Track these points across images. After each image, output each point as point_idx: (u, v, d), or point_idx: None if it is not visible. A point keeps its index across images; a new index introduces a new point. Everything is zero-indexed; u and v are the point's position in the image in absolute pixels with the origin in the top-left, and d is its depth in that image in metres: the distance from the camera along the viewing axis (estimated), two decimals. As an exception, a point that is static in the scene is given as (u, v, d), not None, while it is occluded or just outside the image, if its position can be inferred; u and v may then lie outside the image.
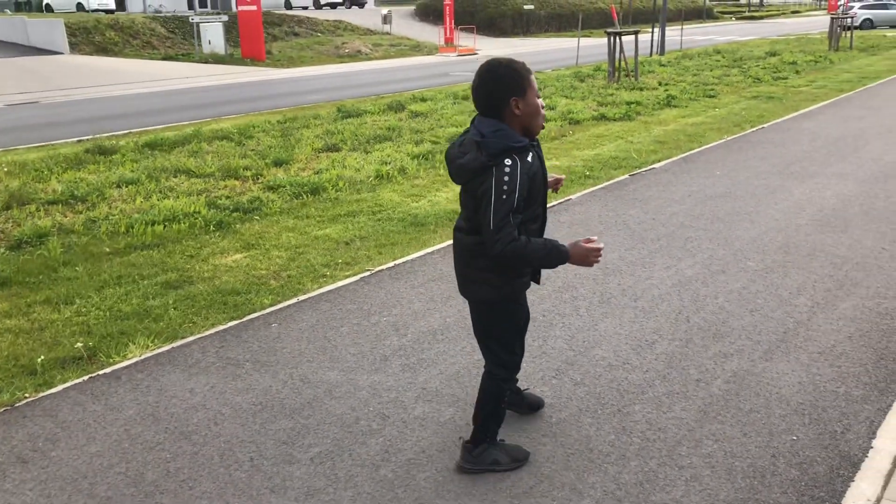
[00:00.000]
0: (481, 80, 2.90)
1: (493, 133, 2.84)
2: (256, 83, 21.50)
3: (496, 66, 2.90)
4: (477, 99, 2.92)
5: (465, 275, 3.12)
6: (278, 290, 5.45)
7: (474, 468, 3.25)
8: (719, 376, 4.01)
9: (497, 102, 2.88)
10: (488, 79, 2.90)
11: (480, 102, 2.92)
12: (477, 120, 2.93)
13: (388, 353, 4.38)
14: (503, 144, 2.81)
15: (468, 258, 3.06)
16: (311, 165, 9.73)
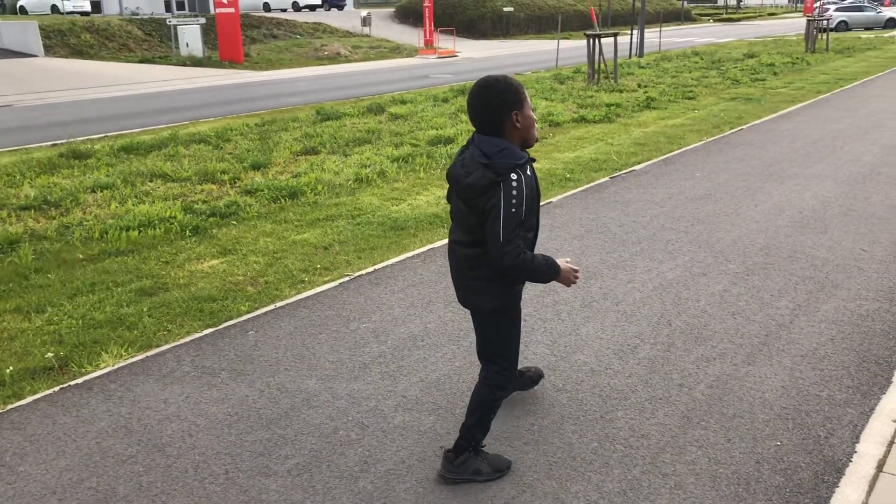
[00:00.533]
0: (481, 97, 2.93)
1: (497, 154, 2.89)
2: (234, 86, 21.32)
3: (494, 83, 2.94)
4: (477, 116, 2.95)
5: (467, 286, 3.17)
6: (255, 297, 5.36)
7: (456, 478, 3.19)
8: (702, 381, 3.98)
9: (499, 117, 2.93)
10: (489, 95, 2.92)
11: (481, 119, 2.95)
12: (477, 139, 2.97)
13: (368, 361, 4.30)
14: (510, 163, 2.87)
15: (468, 269, 3.11)
16: (289, 169, 9.63)
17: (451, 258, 3.22)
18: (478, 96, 2.93)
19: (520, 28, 47.64)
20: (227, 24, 27.67)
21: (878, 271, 5.51)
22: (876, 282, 5.30)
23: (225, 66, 27.23)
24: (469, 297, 3.19)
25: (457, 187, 2.99)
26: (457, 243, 3.14)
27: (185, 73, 25.07)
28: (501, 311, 3.17)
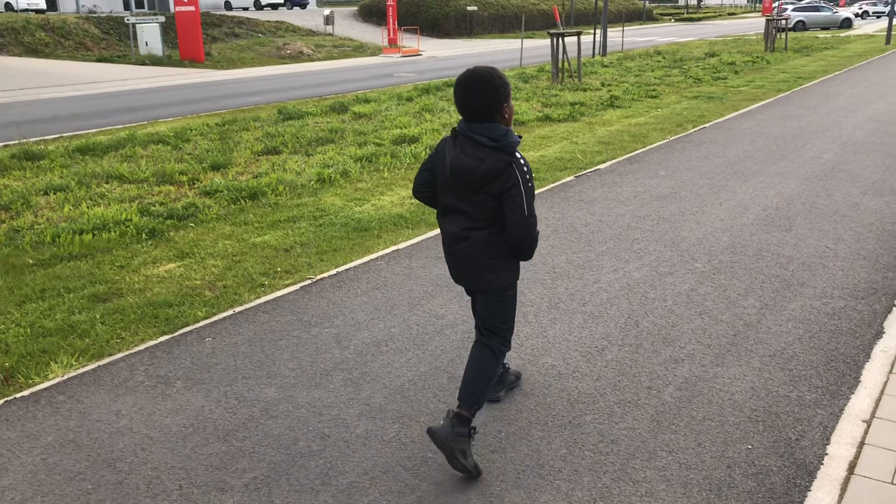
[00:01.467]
0: (478, 89, 3.09)
1: (504, 137, 3.08)
2: (195, 85, 20.97)
3: (489, 76, 3.11)
4: (475, 105, 3.09)
5: (483, 267, 3.27)
6: (213, 302, 5.19)
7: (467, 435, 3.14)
8: (671, 383, 3.91)
9: (494, 108, 3.10)
10: (487, 86, 3.09)
11: (479, 108, 3.09)
12: (475, 128, 3.10)
13: (330, 368, 4.17)
14: (516, 143, 3.10)
15: (485, 251, 3.23)
16: (250, 169, 9.44)
17: (457, 248, 3.27)
18: (475, 86, 3.08)
19: (483, 27, 47.65)
20: (187, 23, 27.21)
21: (842, 269, 5.51)
22: (841, 279, 5.30)
23: (185, 65, 26.78)
24: (485, 278, 3.30)
25: (470, 176, 3.09)
26: (469, 230, 3.21)
27: (144, 72, 24.61)
28: (511, 286, 3.35)
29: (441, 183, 3.26)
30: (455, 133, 3.19)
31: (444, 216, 3.30)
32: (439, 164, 3.25)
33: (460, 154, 3.12)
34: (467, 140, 3.12)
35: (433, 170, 3.30)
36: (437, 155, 3.27)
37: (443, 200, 3.29)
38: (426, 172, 3.34)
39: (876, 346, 4.25)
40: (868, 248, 5.96)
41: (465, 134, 3.13)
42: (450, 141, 3.21)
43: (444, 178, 3.23)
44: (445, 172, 3.19)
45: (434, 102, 14.90)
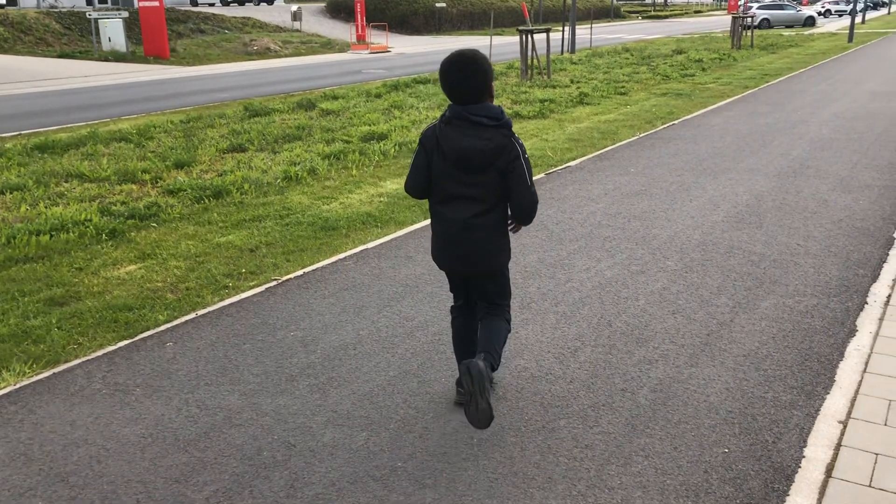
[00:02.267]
0: (475, 70, 3.16)
1: (501, 114, 3.22)
2: (160, 82, 20.60)
3: (477, 57, 3.19)
4: (471, 86, 3.16)
5: (489, 251, 3.38)
6: (175, 305, 5.02)
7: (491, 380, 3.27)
8: (645, 384, 3.84)
9: (484, 88, 3.20)
10: (481, 69, 3.17)
11: (474, 89, 3.17)
12: (473, 109, 3.17)
13: (295, 373, 4.03)
14: (510, 120, 3.24)
15: (491, 235, 3.35)
16: (214, 167, 9.24)
17: (465, 236, 3.31)
18: (470, 68, 3.16)
19: (452, 24, 47.54)
20: (151, 18, 26.76)
21: (813, 266, 5.49)
22: (813, 277, 5.27)
23: (150, 61, 26.34)
24: (492, 260, 3.42)
25: (481, 157, 3.17)
26: (478, 216, 3.28)
27: (108, 68, 24.16)
28: (508, 264, 3.53)
29: (439, 172, 3.28)
30: (447, 119, 3.21)
31: (447, 204, 3.31)
32: (435, 154, 3.26)
33: (465, 138, 3.17)
34: (467, 123, 3.18)
35: (428, 164, 3.31)
36: (428, 147, 3.28)
37: (443, 189, 3.30)
38: (422, 170, 3.33)
39: (849, 345, 4.22)
40: (838, 244, 5.95)
41: (462, 117, 3.18)
42: (442, 128, 3.22)
43: (442, 167, 3.25)
44: (447, 160, 3.22)
45: (403, 99, 14.77)
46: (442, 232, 3.37)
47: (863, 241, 6.01)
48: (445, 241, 3.37)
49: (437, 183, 3.31)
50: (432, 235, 3.48)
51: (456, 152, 3.19)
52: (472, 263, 3.40)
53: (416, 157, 3.34)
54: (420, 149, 3.32)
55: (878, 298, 4.86)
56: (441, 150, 3.23)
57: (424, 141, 3.30)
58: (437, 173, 3.28)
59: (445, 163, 3.24)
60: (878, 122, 11.75)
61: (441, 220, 3.35)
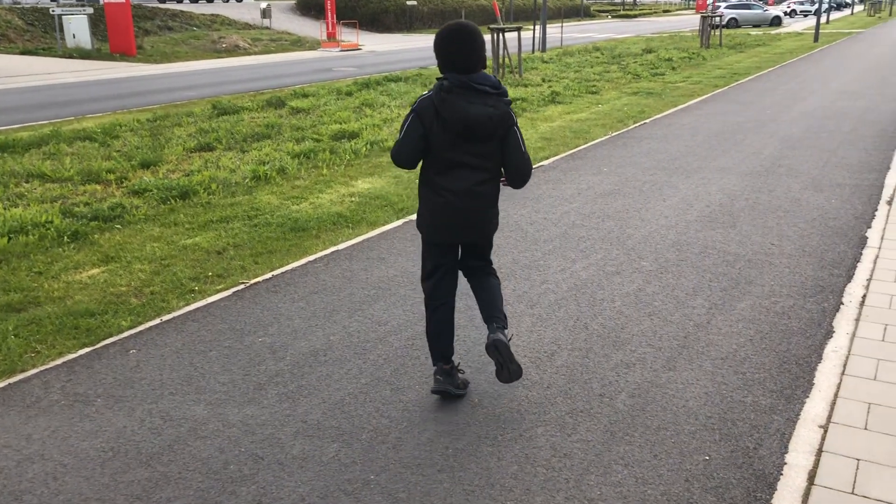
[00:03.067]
0: (477, 41, 3.25)
1: (498, 83, 3.31)
2: (126, 79, 20.23)
3: (475, 28, 3.29)
4: (473, 55, 3.24)
5: (489, 218, 3.51)
6: (139, 310, 4.86)
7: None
8: (623, 389, 3.76)
9: (483, 58, 3.30)
10: (480, 40, 3.28)
11: (476, 58, 3.25)
12: (476, 78, 3.25)
13: (264, 381, 3.90)
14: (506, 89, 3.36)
15: (490, 203, 3.47)
16: (181, 167, 9.03)
17: (466, 204, 3.37)
18: (471, 39, 3.24)
19: (423, 22, 47.39)
20: (117, 15, 26.28)
21: (788, 266, 5.46)
22: (788, 277, 5.24)
23: (116, 58, 25.89)
24: (489, 226, 3.53)
25: (488, 124, 3.25)
26: (480, 184, 3.37)
27: (72, 65, 23.67)
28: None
29: (439, 142, 3.28)
30: (448, 88, 3.22)
31: (447, 174, 3.34)
32: (434, 124, 3.25)
33: (471, 105, 3.22)
34: (471, 91, 3.23)
35: (425, 135, 3.29)
36: (425, 118, 3.26)
37: (443, 159, 3.31)
38: (419, 140, 3.30)
39: (827, 347, 4.18)
40: (812, 244, 5.94)
41: (466, 86, 3.22)
42: (445, 97, 3.21)
43: (442, 137, 3.26)
44: (449, 129, 3.23)
45: (375, 97, 14.62)
46: (442, 203, 3.36)
47: (836, 241, 6.00)
48: (446, 212, 3.38)
49: (437, 153, 3.31)
50: (426, 208, 3.45)
51: (463, 121, 3.21)
52: (474, 232, 3.49)
53: (409, 127, 3.29)
54: (415, 120, 3.27)
55: (854, 299, 4.83)
56: (443, 119, 3.22)
57: (421, 111, 3.26)
58: (437, 143, 3.28)
59: (447, 132, 3.25)
60: (846, 120, 11.84)
61: (440, 190, 3.35)
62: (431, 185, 3.38)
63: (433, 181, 3.36)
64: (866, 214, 6.71)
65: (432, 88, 3.29)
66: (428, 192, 3.41)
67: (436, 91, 3.25)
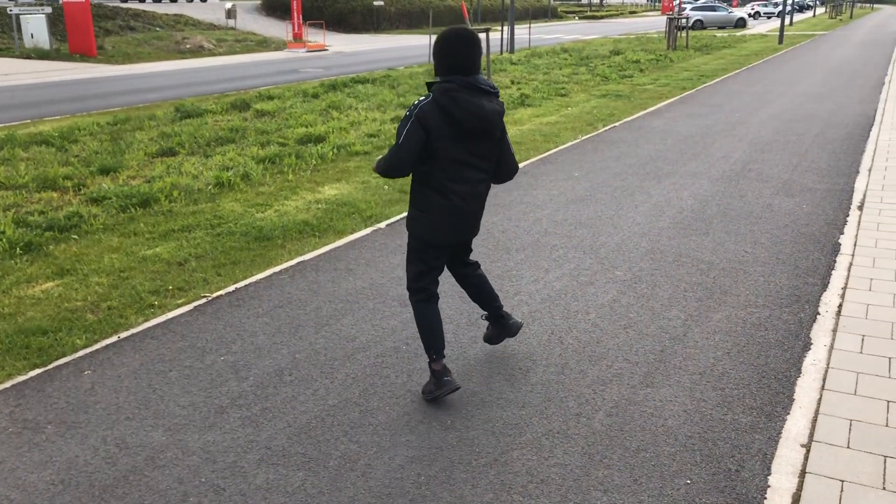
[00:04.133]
0: (479, 45, 3.38)
1: (493, 84, 3.43)
2: (86, 81, 19.77)
3: (475, 33, 3.39)
4: (476, 59, 3.36)
5: (480, 215, 3.65)
6: (95, 327, 4.64)
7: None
8: (600, 408, 3.64)
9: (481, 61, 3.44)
10: (479, 43, 3.40)
11: (476, 63, 3.37)
12: (480, 80, 3.36)
13: (226, 403, 3.72)
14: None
15: (484, 200, 3.61)
16: (142, 173, 8.77)
17: (470, 204, 3.50)
18: (476, 43, 3.36)
19: (391, 22, 47.17)
20: (76, 14, 25.69)
21: (763, 274, 5.40)
22: (763, 286, 5.17)
23: (75, 59, 25.31)
24: (479, 222, 3.70)
25: (496, 120, 3.38)
26: (481, 182, 3.52)
27: (30, 66, 23.09)
28: None
29: (446, 144, 3.32)
30: (457, 89, 3.28)
31: (454, 176, 3.41)
32: (442, 128, 3.29)
33: (483, 104, 3.32)
34: (477, 90, 3.34)
35: (426, 141, 3.31)
36: (429, 124, 3.27)
37: (451, 160, 3.37)
38: (420, 147, 3.31)
39: (806, 359, 4.10)
40: (786, 251, 5.88)
41: (472, 86, 3.33)
42: (454, 97, 3.27)
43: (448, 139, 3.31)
44: (460, 129, 3.30)
45: (342, 99, 14.42)
46: (450, 206, 3.45)
47: (810, 248, 5.96)
48: (453, 215, 3.48)
49: (444, 156, 3.35)
50: (429, 211, 3.48)
51: (478, 116, 3.30)
52: (472, 231, 3.66)
53: (410, 134, 3.28)
54: (418, 128, 3.28)
55: (830, 308, 4.77)
56: (454, 120, 3.28)
57: (423, 118, 3.27)
58: (444, 146, 3.32)
59: (458, 132, 3.32)
60: (814, 123, 11.90)
61: (449, 194, 3.42)
62: (439, 189, 3.41)
63: (442, 185, 3.40)
64: (838, 220, 6.69)
65: (430, 93, 3.34)
66: (433, 195, 3.44)
67: (440, 93, 3.29)
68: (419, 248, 3.60)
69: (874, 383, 3.81)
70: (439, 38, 3.37)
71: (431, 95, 3.32)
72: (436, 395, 3.62)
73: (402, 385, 3.86)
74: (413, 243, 3.64)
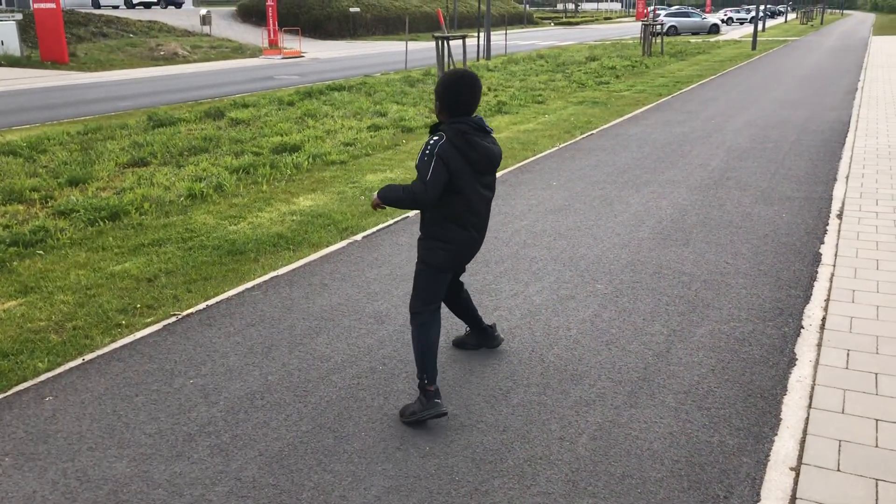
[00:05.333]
0: (480, 86, 3.60)
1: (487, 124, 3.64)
2: (57, 89, 19.44)
3: (476, 76, 3.61)
4: (477, 102, 3.60)
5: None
6: (59, 349, 4.46)
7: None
8: (584, 431, 3.53)
9: None
10: (480, 87, 3.62)
11: (477, 105, 3.61)
12: (480, 120, 3.61)
13: (194, 431, 3.56)
14: None
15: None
16: (113, 184, 8.57)
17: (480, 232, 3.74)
18: (479, 86, 3.61)
19: (367, 28, 47.02)
20: (48, 21, 25.30)
21: (745, 286, 5.32)
22: (746, 299, 5.10)
23: (47, 66, 24.93)
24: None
25: (498, 159, 3.66)
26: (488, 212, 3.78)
27: (-1, 73, 22.69)
28: None
29: (466, 180, 3.55)
30: (471, 131, 3.53)
31: (472, 209, 3.63)
32: (462, 166, 3.52)
33: (491, 145, 3.62)
34: (483, 132, 3.60)
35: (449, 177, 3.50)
36: (452, 162, 3.48)
37: (470, 195, 3.59)
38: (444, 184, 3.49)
39: (791, 376, 4.02)
40: (767, 262, 5.82)
41: (481, 128, 3.58)
42: (470, 138, 3.51)
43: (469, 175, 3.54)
44: (477, 166, 3.56)
45: (317, 107, 14.26)
46: (468, 237, 3.67)
47: (791, 258, 5.90)
48: (469, 243, 3.70)
49: (464, 192, 3.56)
50: (452, 243, 3.64)
51: (488, 157, 3.58)
52: (474, 254, 3.84)
53: (436, 173, 3.46)
54: (443, 167, 3.47)
55: (814, 322, 4.70)
56: (471, 159, 3.53)
57: (445, 158, 3.46)
58: (463, 183, 3.54)
59: (474, 171, 3.56)
60: (790, 130, 11.92)
61: (465, 224, 3.63)
62: (457, 221, 3.61)
63: (461, 217, 3.61)
64: (818, 229, 6.64)
65: (443, 133, 3.51)
66: (453, 227, 3.63)
67: (455, 135, 3.49)
68: (433, 277, 3.71)
69: (861, 401, 3.73)
70: (447, 82, 3.57)
71: (445, 137, 3.49)
72: (420, 416, 3.56)
73: (379, 408, 3.73)
74: (427, 271, 3.71)
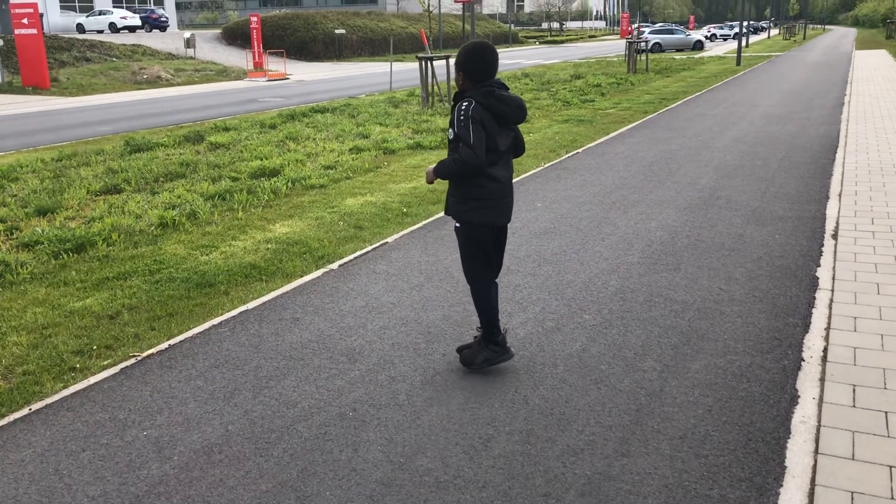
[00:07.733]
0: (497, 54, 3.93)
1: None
2: (37, 114, 19.13)
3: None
4: (496, 67, 3.92)
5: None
6: (5, 398, 4.13)
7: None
8: (572, 486, 3.22)
9: None
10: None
11: (496, 70, 3.92)
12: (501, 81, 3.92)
13: (143, 491, 3.23)
14: None
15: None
16: (83, 213, 8.26)
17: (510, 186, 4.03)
18: (496, 51, 3.93)
19: (353, 50, 46.95)
20: (29, 46, 25.06)
21: (740, 315, 5.04)
22: (742, 329, 4.81)
23: (28, 92, 24.66)
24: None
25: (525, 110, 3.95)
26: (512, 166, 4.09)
27: (-23, 100, 22.36)
28: None
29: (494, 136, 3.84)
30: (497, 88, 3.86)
31: (500, 163, 3.94)
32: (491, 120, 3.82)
33: (508, 100, 3.86)
34: (505, 88, 3.91)
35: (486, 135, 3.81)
36: (485, 122, 3.79)
37: (499, 148, 3.89)
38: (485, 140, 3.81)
39: (794, 417, 3.73)
40: (762, 287, 5.55)
41: (504, 86, 3.91)
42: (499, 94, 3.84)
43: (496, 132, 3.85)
44: (506, 120, 3.88)
45: (300, 130, 13.99)
46: (500, 188, 3.94)
47: (787, 283, 5.63)
48: (505, 196, 3.98)
49: (498, 146, 3.87)
50: (489, 199, 3.94)
51: (520, 107, 3.89)
52: (510, 213, 4.09)
53: (478, 135, 3.75)
54: (480, 128, 3.76)
55: (815, 353, 4.42)
56: (501, 113, 3.84)
57: (480, 118, 3.77)
58: (496, 140, 3.85)
59: (498, 126, 3.86)
60: (778, 146, 11.71)
61: (495, 178, 3.91)
62: (492, 177, 3.89)
63: (490, 172, 3.87)
64: (813, 251, 6.38)
65: (472, 96, 3.82)
66: (489, 183, 3.89)
67: (484, 97, 3.81)
68: (479, 239, 4.03)
69: (872, 444, 3.44)
70: (469, 51, 3.88)
71: (474, 101, 3.79)
72: (494, 362, 4.20)
73: (347, 462, 3.41)
74: (472, 235, 4.02)
